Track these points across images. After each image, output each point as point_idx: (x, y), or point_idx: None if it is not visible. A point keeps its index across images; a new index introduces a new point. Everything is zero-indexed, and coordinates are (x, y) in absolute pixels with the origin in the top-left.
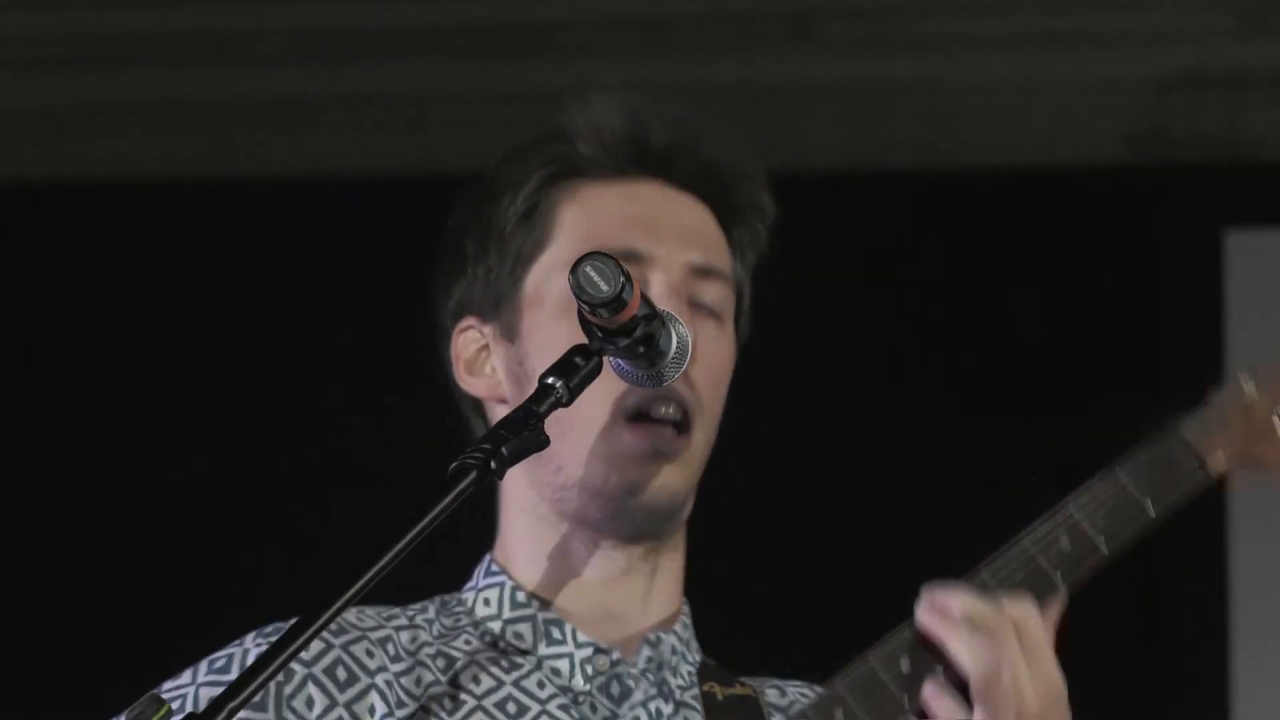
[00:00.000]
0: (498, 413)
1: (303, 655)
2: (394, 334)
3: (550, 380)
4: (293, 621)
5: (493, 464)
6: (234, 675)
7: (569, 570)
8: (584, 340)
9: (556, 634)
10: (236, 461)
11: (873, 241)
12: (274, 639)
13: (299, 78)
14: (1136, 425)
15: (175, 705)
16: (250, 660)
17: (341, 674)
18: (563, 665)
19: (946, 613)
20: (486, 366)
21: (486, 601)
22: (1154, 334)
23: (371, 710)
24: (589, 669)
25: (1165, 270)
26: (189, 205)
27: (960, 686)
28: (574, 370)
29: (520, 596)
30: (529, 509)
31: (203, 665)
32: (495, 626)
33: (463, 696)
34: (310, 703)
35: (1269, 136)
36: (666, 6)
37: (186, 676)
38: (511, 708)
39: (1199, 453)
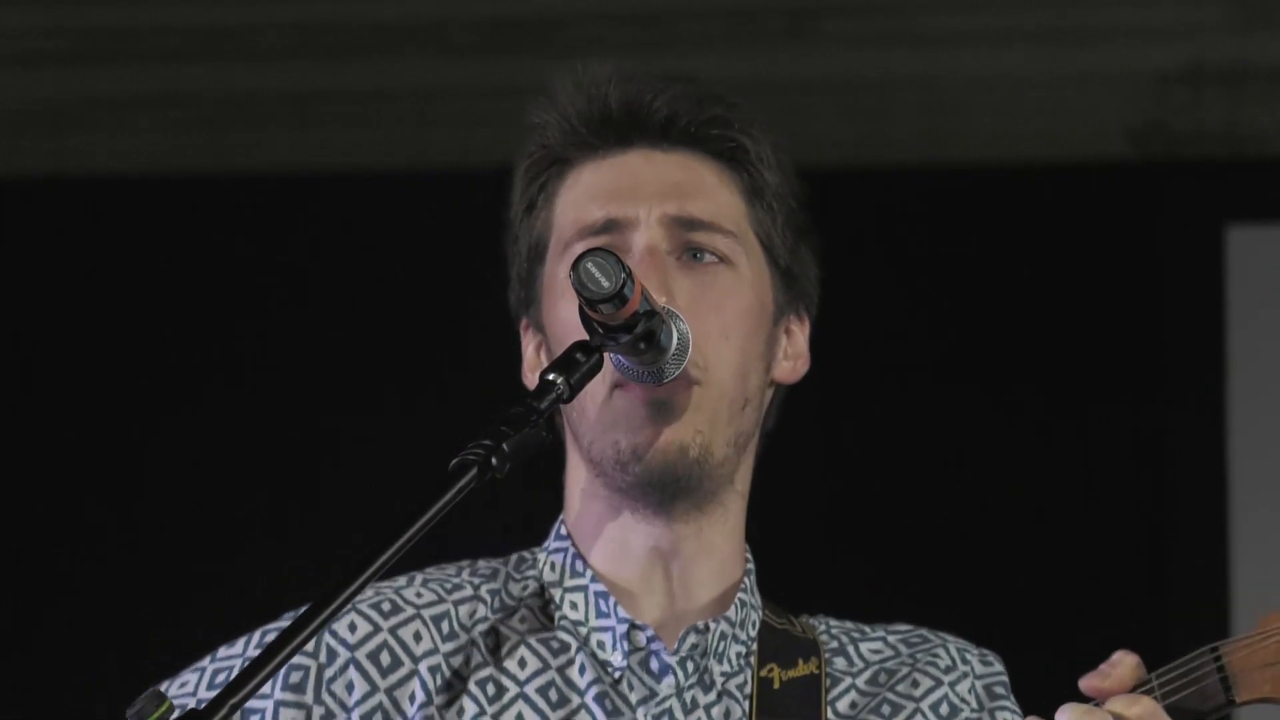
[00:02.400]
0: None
1: (348, 637)
2: (394, 331)
3: (551, 376)
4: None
5: (493, 460)
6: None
7: (621, 543)
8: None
9: (603, 607)
10: (235, 459)
11: (872, 237)
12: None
13: (300, 73)
14: (1136, 423)
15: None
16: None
17: (385, 659)
18: (606, 639)
19: None
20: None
21: (553, 566)
22: (1154, 330)
23: (412, 698)
24: (625, 645)
25: (1166, 266)
26: (190, 201)
27: None
28: (575, 366)
29: (579, 565)
30: (586, 487)
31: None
32: (556, 594)
33: (506, 683)
34: (350, 687)
35: (1270, 131)
36: (667, 1)
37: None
38: (553, 695)
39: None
